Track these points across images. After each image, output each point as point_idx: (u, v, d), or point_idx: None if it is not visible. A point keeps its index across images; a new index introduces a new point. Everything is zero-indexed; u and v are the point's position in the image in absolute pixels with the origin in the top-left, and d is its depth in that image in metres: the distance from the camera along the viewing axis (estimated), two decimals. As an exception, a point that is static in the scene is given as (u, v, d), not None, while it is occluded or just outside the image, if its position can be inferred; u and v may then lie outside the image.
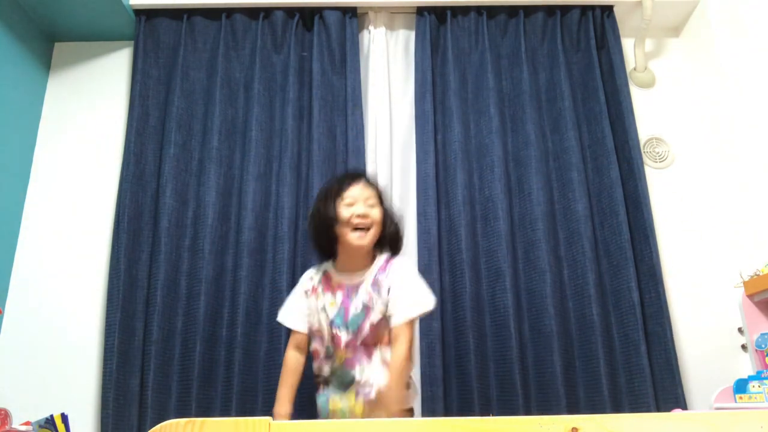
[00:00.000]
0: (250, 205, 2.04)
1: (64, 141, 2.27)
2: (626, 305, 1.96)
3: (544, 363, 1.91)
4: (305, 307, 1.59)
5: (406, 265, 1.60)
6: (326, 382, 1.54)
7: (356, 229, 1.52)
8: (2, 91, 2.07)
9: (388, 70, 2.27)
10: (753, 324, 1.89)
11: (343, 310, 1.51)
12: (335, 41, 2.27)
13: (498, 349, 1.92)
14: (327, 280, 1.59)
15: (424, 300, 1.53)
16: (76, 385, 1.97)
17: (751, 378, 1.78)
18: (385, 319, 1.49)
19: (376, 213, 1.55)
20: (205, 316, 1.94)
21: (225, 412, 1.85)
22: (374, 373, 1.47)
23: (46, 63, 2.35)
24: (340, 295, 1.54)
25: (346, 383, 1.49)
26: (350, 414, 1.46)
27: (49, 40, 2.37)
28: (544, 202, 2.08)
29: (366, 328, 1.48)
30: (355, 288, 1.53)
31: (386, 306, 1.50)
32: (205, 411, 1.85)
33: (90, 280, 2.08)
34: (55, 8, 2.19)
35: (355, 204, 1.54)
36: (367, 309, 1.50)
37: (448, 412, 1.87)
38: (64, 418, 1.56)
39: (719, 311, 2.09)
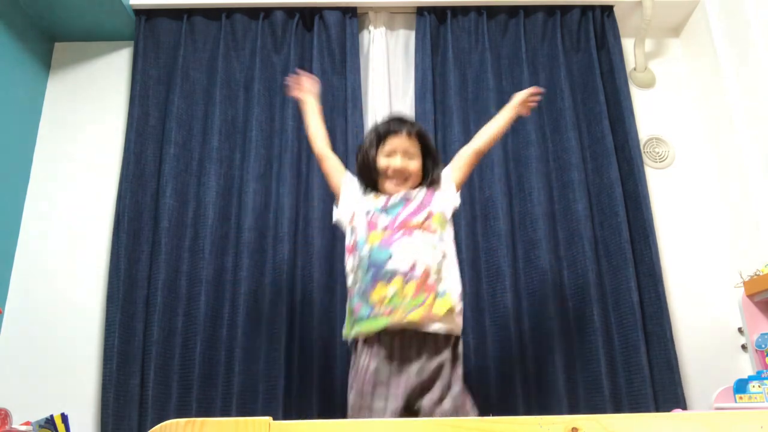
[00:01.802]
0: (250, 205, 2.04)
1: (64, 141, 2.27)
2: (626, 305, 1.96)
3: (544, 363, 1.91)
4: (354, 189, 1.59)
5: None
6: (354, 283, 1.46)
7: (390, 177, 1.53)
8: (2, 91, 2.07)
9: (388, 70, 2.26)
10: (753, 324, 1.89)
11: (384, 199, 1.52)
12: (335, 41, 2.27)
13: (498, 348, 1.93)
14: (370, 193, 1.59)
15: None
16: (76, 385, 1.97)
17: (751, 378, 1.78)
18: (421, 207, 1.49)
19: (414, 165, 1.55)
20: (205, 316, 1.94)
21: (225, 412, 1.85)
22: (414, 251, 1.41)
23: (46, 63, 2.35)
24: (383, 197, 1.54)
25: (381, 264, 1.39)
26: (401, 299, 1.35)
27: (49, 40, 2.37)
28: (544, 201, 2.08)
29: (404, 211, 1.48)
30: (397, 195, 1.54)
31: (423, 197, 1.52)
32: (205, 411, 1.85)
33: (90, 280, 2.08)
34: (55, 8, 2.19)
35: (393, 154, 1.54)
36: (406, 200, 1.51)
37: (448, 412, 1.86)
38: (64, 418, 1.56)
39: (719, 311, 2.09)
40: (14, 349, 2.01)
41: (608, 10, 2.35)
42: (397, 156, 1.54)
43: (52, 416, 1.53)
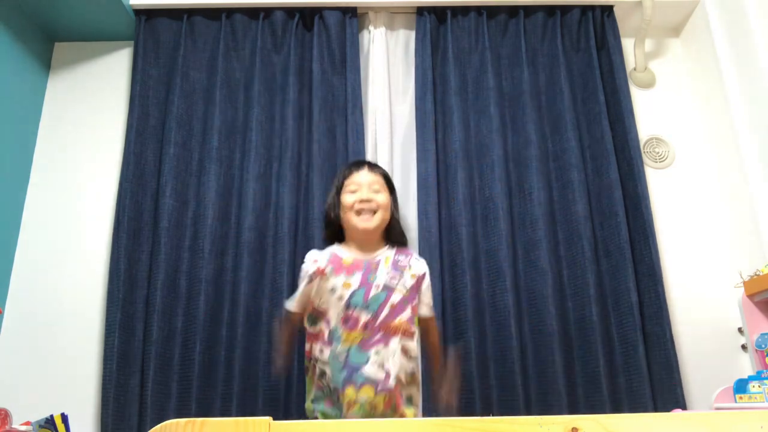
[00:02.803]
0: (250, 205, 2.04)
1: (64, 141, 2.27)
2: (625, 305, 1.96)
3: (545, 363, 1.91)
4: (307, 292, 1.50)
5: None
6: (321, 374, 1.43)
7: (360, 213, 1.50)
8: (2, 91, 2.07)
9: (388, 70, 2.26)
10: (753, 324, 1.89)
11: (364, 289, 1.45)
12: (335, 41, 2.27)
13: (498, 348, 1.92)
14: (336, 261, 1.51)
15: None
16: (76, 385, 1.97)
17: (751, 378, 1.78)
18: (404, 302, 1.46)
19: (381, 198, 1.53)
20: (205, 316, 1.94)
21: (225, 412, 1.85)
22: (391, 359, 1.40)
23: (46, 63, 2.35)
24: (358, 275, 1.47)
25: (356, 367, 1.38)
26: (370, 408, 1.36)
27: (49, 40, 2.37)
28: (544, 202, 2.08)
29: (387, 308, 1.43)
30: (374, 267, 1.49)
31: (407, 289, 1.48)
32: (205, 411, 1.85)
33: (90, 280, 2.08)
34: (55, 8, 2.19)
35: (358, 190, 1.52)
36: (388, 289, 1.46)
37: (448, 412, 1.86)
38: (64, 418, 1.56)
39: (719, 311, 2.09)
40: (14, 349, 2.01)
41: (608, 10, 2.35)
42: (363, 189, 1.52)
43: (52, 416, 1.53)
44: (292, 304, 1.55)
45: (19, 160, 2.18)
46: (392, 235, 1.57)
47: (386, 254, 1.54)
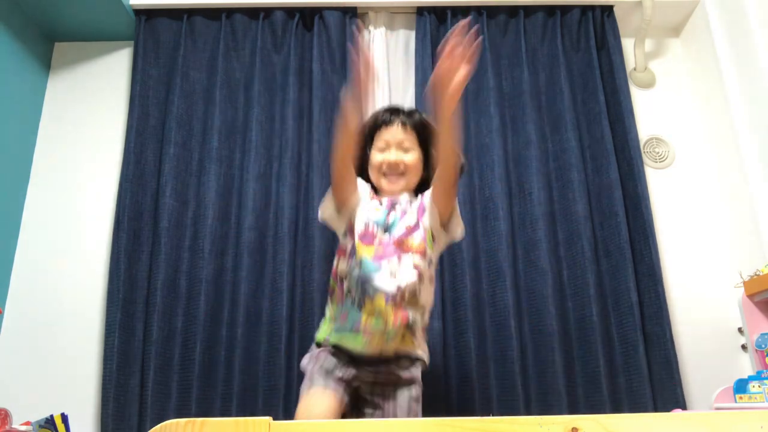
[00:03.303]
0: (250, 205, 2.04)
1: (64, 141, 2.27)
2: (625, 305, 1.96)
3: (545, 363, 1.91)
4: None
5: None
6: (348, 292, 1.40)
7: (386, 174, 1.44)
8: (2, 91, 2.07)
9: (388, 70, 2.27)
10: (753, 324, 1.89)
11: (385, 212, 1.43)
12: (335, 41, 2.27)
13: (498, 348, 1.93)
14: (373, 192, 1.50)
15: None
16: (76, 385, 1.97)
17: (751, 378, 1.78)
18: (416, 225, 1.42)
19: (410, 158, 1.44)
20: (205, 316, 1.94)
21: (225, 412, 1.85)
22: (402, 271, 1.36)
23: (46, 63, 2.35)
24: (385, 201, 1.45)
25: (368, 278, 1.35)
26: (383, 320, 1.34)
27: (49, 40, 2.37)
28: (544, 202, 2.08)
29: (401, 227, 1.41)
30: (398, 201, 1.46)
31: (416, 213, 1.44)
32: (205, 411, 1.85)
33: (90, 280, 2.08)
34: (55, 8, 2.19)
35: (387, 149, 1.44)
36: (404, 213, 1.44)
37: (448, 412, 1.87)
38: (64, 418, 1.56)
39: (719, 311, 2.09)
40: (14, 349, 2.01)
41: (608, 10, 2.35)
42: (392, 149, 1.45)
43: (52, 416, 1.53)
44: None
45: (19, 160, 2.18)
46: (424, 188, 1.50)
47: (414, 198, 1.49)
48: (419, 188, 1.51)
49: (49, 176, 2.22)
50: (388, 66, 2.26)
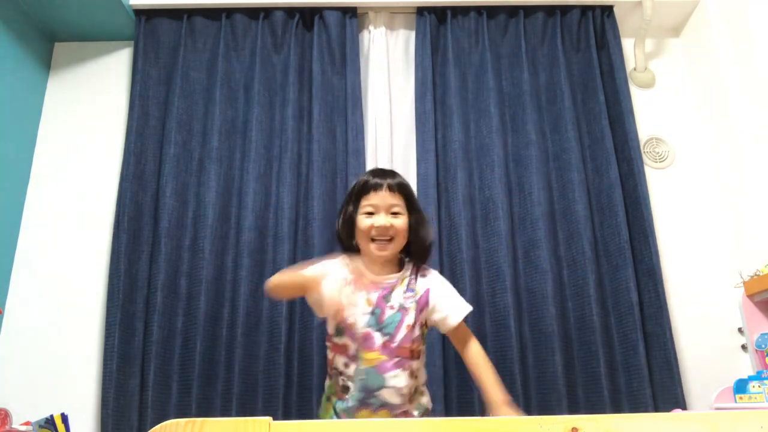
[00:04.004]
0: (250, 205, 2.04)
1: (64, 141, 2.27)
2: (625, 305, 1.96)
3: (545, 363, 1.91)
4: (337, 290, 1.39)
5: (434, 271, 1.53)
6: (345, 388, 1.39)
7: (374, 240, 1.41)
8: (2, 91, 2.07)
9: (388, 70, 2.26)
10: (753, 324, 1.89)
11: (379, 310, 1.39)
12: (335, 41, 2.27)
13: (498, 348, 1.92)
14: (359, 277, 1.44)
15: (464, 302, 1.48)
16: (76, 385, 1.97)
17: (751, 378, 1.78)
18: (418, 325, 1.40)
19: (399, 222, 1.42)
20: (205, 316, 1.94)
21: (225, 412, 1.85)
22: (407, 382, 1.37)
23: (46, 63, 2.35)
24: (375, 294, 1.41)
25: (373, 389, 1.35)
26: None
27: (49, 40, 2.37)
28: (544, 202, 2.08)
29: (403, 329, 1.38)
30: (391, 288, 1.42)
31: (421, 311, 1.41)
32: (205, 411, 1.85)
33: (90, 280, 2.08)
34: (55, 8, 2.19)
35: (375, 213, 1.42)
36: (403, 310, 1.40)
37: (448, 412, 1.87)
38: (64, 418, 1.56)
39: (719, 311, 2.09)
40: (14, 349, 2.01)
41: (608, 10, 2.35)
42: (381, 213, 1.41)
43: (52, 416, 1.53)
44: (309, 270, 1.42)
45: (19, 160, 2.18)
46: (412, 254, 1.49)
47: (404, 275, 1.45)
48: (405, 251, 1.48)
49: (49, 176, 2.22)
50: (388, 66, 2.26)
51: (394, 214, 1.43)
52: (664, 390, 1.89)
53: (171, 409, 1.85)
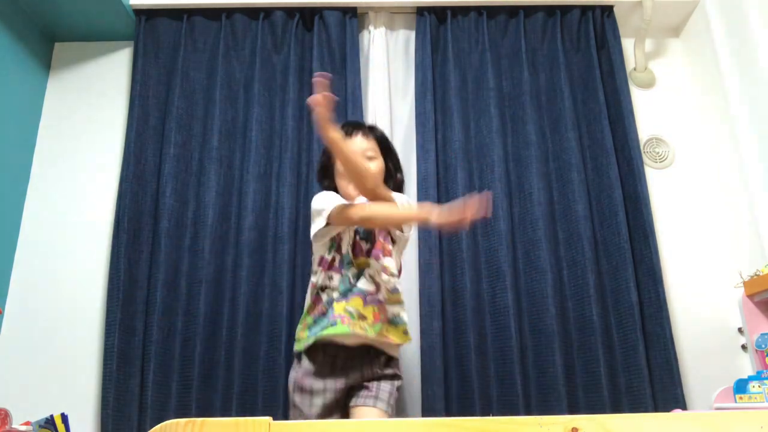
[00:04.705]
0: (250, 205, 2.04)
1: (64, 141, 2.27)
2: (625, 305, 1.96)
3: (545, 363, 1.91)
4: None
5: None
6: (328, 302, 1.49)
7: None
8: (2, 91, 2.07)
9: (388, 70, 2.26)
10: (753, 324, 1.89)
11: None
12: (335, 41, 2.27)
13: (498, 348, 1.92)
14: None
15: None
16: (76, 385, 1.97)
17: (751, 378, 1.78)
18: (389, 235, 1.56)
19: (375, 165, 1.56)
20: (205, 316, 1.94)
21: (225, 412, 1.85)
22: (381, 274, 1.50)
23: (46, 63, 2.35)
24: None
25: (351, 286, 1.48)
26: (359, 317, 1.44)
27: (49, 40, 2.37)
28: (544, 202, 2.08)
29: (380, 237, 1.54)
30: None
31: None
32: (205, 411, 1.85)
33: (90, 280, 2.08)
34: (55, 8, 2.19)
35: None
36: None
37: (448, 412, 1.87)
38: (64, 418, 1.56)
39: (719, 311, 2.09)
40: (14, 349, 2.01)
41: (608, 10, 2.35)
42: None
43: (52, 416, 1.53)
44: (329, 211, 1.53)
45: (19, 161, 2.18)
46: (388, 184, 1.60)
47: None
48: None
49: (49, 176, 2.22)
50: (388, 66, 2.26)
51: (370, 158, 1.56)
52: (664, 390, 1.89)
53: (171, 409, 1.85)
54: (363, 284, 1.48)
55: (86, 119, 2.29)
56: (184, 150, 2.13)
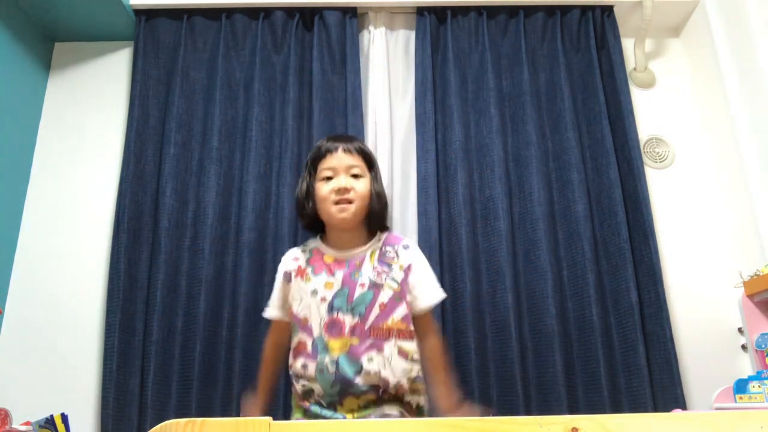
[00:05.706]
0: (250, 205, 2.04)
1: (64, 141, 2.27)
2: (625, 306, 1.96)
3: (545, 363, 1.91)
4: (285, 293, 1.42)
5: (416, 245, 1.44)
6: (307, 393, 1.30)
7: (338, 203, 1.34)
8: (2, 91, 2.07)
9: (388, 70, 2.26)
10: (753, 324, 1.89)
11: (347, 290, 1.30)
12: (335, 41, 2.27)
13: (498, 348, 1.92)
14: (318, 259, 1.38)
15: (439, 288, 1.40)
16: (76, 385, 1.97)
17: (751, 378, 1.78)
18: (395, 300, 1.30)
19: (361, 185, 1.36)
20: (205, 316, 1.94)
21: (225, 412, 1.85)
22: (388, 365, 1.26)
23: (46, 63, 2.35)
24: (339, 273, 1.33)
25: (349, 378, 1.24)
26: (374, 410, 1.26)
27: (49, 40, 2.36)
28: (544, 202, 2.08)
29: (375, 308, 1.28)
30: (359, 263, 1.34)
31: (398, 284, 1.32)
32: (205, 411, 1.85)
33: (90, 280, 2.08)
34: (55, 8, 2.19)
35: (334, 176, 1.36)
36: (376, 287, 1.30)
37: (448, 412, 1.86)
38: (64, 418, 1.56)
39: (719, 311, 2.09)
40: (14, 349, 2.01)
41: (608, 10, 2.35)
42: (340, 176, 1.36)
43: (52, 416, 1.53)
44: (270, 312, 1.47)
45: (19, 161, 2.18)
46: (372, 217, 1.39)
47: (373, 247, 1.37)
48: (370, 224, 1.42)
49: (49, 176, 2.22)
50: (388, 66, 2.26)
51: (355, 176, 1.37)
52: (664, 390, 1.89)
53: (171, 408, 1.85)
54: (366, 380, 1.25)
55: (86, 119, 2.29)
56: (184, 150, 2.13)
